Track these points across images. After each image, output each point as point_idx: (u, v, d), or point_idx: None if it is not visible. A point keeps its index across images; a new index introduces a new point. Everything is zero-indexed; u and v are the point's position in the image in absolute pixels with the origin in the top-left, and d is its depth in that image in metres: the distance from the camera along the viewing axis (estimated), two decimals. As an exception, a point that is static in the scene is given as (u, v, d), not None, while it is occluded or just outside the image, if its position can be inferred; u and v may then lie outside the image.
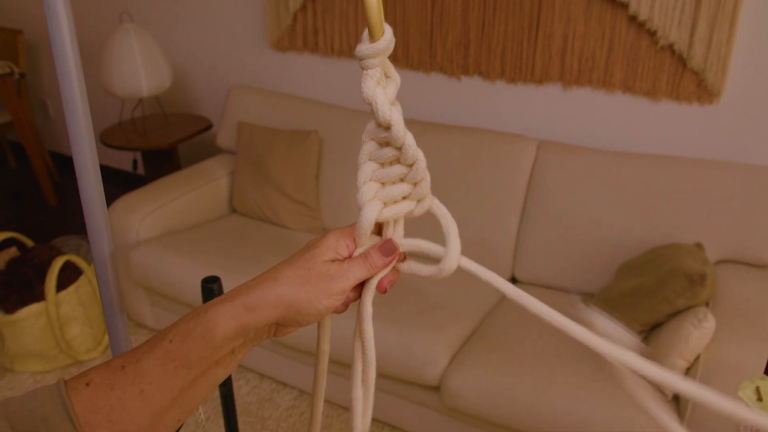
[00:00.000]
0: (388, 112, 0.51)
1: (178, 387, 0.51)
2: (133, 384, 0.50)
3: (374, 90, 0.51)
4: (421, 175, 0.54)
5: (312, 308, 0.54)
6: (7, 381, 2.35)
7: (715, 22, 2.00)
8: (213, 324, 0.52)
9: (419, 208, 0.57)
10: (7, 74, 3.35)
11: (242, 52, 3.07)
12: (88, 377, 0.50)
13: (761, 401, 0.89)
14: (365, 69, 0.50)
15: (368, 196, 0.55)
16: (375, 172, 0.55)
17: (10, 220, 3.56)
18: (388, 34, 0.49)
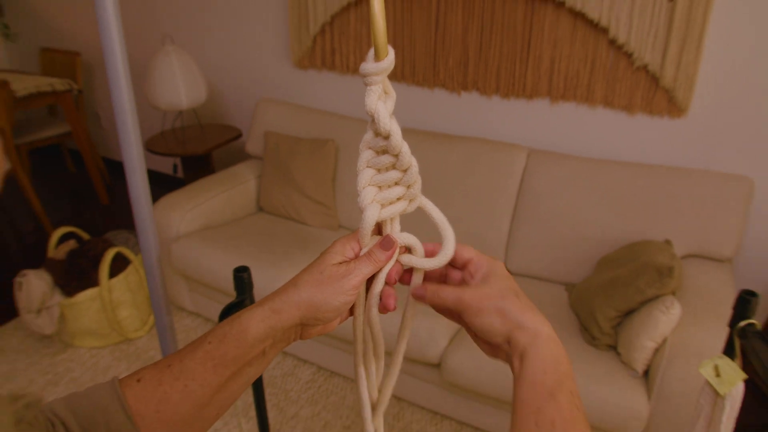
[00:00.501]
0: (388, 124, 0.51)
1: (216, 383, 0.52)
2: (178, 380, 0.51)
3: (376, 104, 0.51)
4: (414, 179, 0.55)
5: (329, 305, 0.54)
6: (69, 354, 2.37)
7: (683, 46, 2.00)
8: (245, 327, 0.53)
9: (411, 206, 0.57)
10: (68, 91, 3.38)
11: (269, 70, 3.09)
12: (140, 374, 0.52)
13: (719, 377, 0.90)
14: (369, 85, 0.51)
15: (368, 199, 0.55)
16: (373, 177, 0.55)
17: (70, 217, 3.60)
18: (391, 55, 0.50)
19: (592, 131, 2.32)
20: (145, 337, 2.48)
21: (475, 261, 0.57)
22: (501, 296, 0.53)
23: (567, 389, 0.48)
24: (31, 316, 2.31)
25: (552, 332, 0.52)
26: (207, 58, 3.26)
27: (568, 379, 0.49)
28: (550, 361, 0.49)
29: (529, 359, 0.50)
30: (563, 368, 0.49)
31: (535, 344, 0.50)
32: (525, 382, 0.49)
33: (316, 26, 2.71)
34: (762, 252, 2.16)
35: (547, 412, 0.46)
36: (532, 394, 0.48)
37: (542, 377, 0.48)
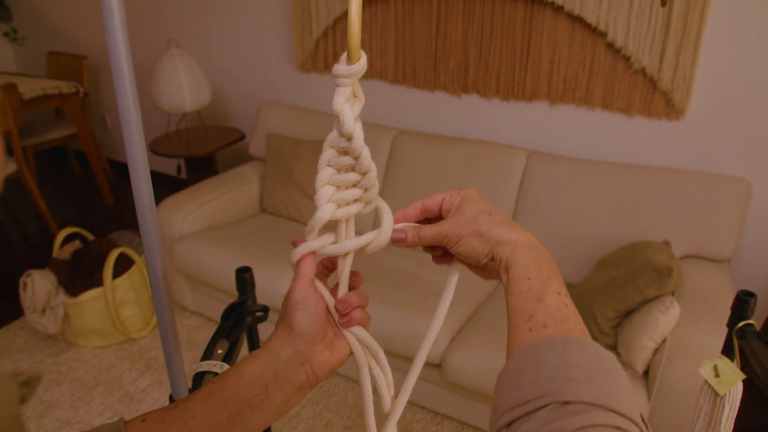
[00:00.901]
0: (352, 126, 0.51)
1: (213, 422, 0.51)
2: (180, 417, 0.51)
3: (343, 105, 0.51)
4: (372, 183, 0.54)
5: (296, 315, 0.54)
6: (72, 354, 2.37)
7: (680, 49, 1.99)
8: (243, 363, 0.54)
9: (367, 208, 0.57)
10: (74, 93, 3.38)
11: (272, 73, 3.09)
12: (146, 415, 0.52)
13: (718, 377, 0.89)
14: (338, 86, 0.51)
15: (324, 198, 0.55)
16: (332, 177, 0.55)
17: (74, 217, 3.60)
18: (363, 60, 0.50)
19: (591, 133, 2.31)
20: (148, 336, 2.48)
21: (447, 198, 0.59)
22: (475, 219, 0.55)
23: (553, 290, 0.49)
24: (36, 315, 2.30)
25: (530, 239, 0.54)
26: (211, 61, 3.26)
27: (552, 279, 0.50)
28: (533, 267, 0.51)
29: (512, 270, 0.51)
30: (545, 271, 0.50)
31: (515, 254, 0.52)
32: (513, 293, 0.50)
33: (318, 30, 2.70)
34: (760, 253, 2.15)
35: (538, 316, 0.47)
36: (521, 302, 0.49)
37: (527, 284, 0.50)
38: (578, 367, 0.41)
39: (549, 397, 0.40)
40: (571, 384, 0.40)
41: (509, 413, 0.42)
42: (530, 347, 0.45)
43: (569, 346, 0.43)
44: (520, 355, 0.45)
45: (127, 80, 0.59)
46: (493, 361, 1.77)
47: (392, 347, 1.93)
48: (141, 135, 0.64)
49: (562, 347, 0.43)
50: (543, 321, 0.46)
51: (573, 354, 0.42)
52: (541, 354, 0.43)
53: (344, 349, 0.57)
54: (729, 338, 0.90)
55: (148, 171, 0.66)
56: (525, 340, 0.46)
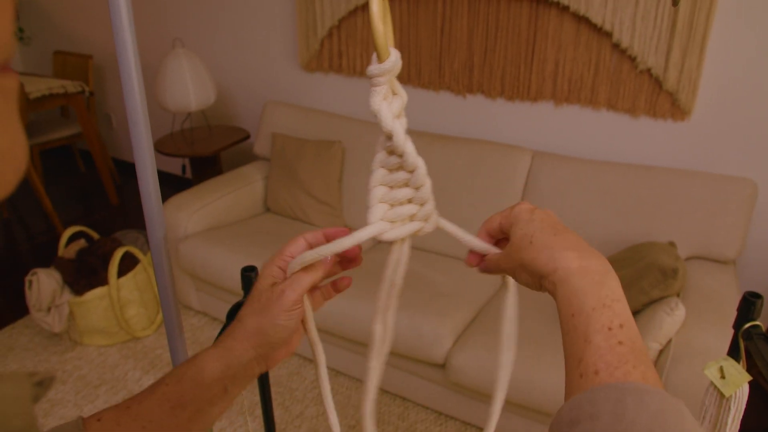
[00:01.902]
0: (390, 123, 0.51)
1: (174, 425, 0.51)
2: (136, 421, 0.50)
3: (380, 104, 0.51)
4: (422, 181, 0.54)
5: (276, 327, 0.53)
6: (77, 352, 2.38)
7: (686, 49, 1.99)
8: (201, 367, 0.52)
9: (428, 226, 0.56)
10: (79, 92, 3.39)
11: (276, 73, 3.09)
12: (101, 414, 0.51)
13: (724, 378, 0.89)
14: (373, 86, 0.51)
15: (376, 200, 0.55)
16: (384, 178, 0.55)
17: (79, 216, 3.61)
18: (393, 56, 0.50)
19: (596, 133, 2.31)
20: (152, 335, 2.49)
21: (504, 222, 0.55)
22: (519, 249, 0.51)
23: (602, 326, 0.42)
24: (41, 314, 2.31)
25: (570, 263, 0.46)
26: (216, 60, 3.27)
27: (601, 311, 0.43)
28: (575, 301, 0.45)
29: (559, 307, 0.46)
30: (591, 302, 0.44)
31: (556, 290, 0.47)
32: (563, 332, 0.45)
33: (323, 30, 2.71)
34: (765, 254, 2.15)
35: (587, 359, 0.41)
36: (569, 344, 0.44)
37: (572, 322, 0.44)
38: (637, 425, 0.36)
39: None
40: None
41: None
42: (584, 396, 0.40)
43: (627, 398, 0.38)
44: (573, 402, 0.40)
45: (135, 79, 0.60)
46: (497, 362, 1.76)
47: (396, 348, 1.93)
48: (148, 134, 0.64)
49: (618, 398, 0.38)
50: (593, 366, 0.41)
51: (631, 408, 0.37)
52: (595, 406, 0.38)
53: (296, 342, 0.59)
54: (735, 340, 0.90)
55: (155, 170, 0.66)
56: (577, 388, 0.42)
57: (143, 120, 0.62)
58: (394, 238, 0.55)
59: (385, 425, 1.99)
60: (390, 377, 2.08)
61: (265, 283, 0.55)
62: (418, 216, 0.56)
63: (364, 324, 1.97)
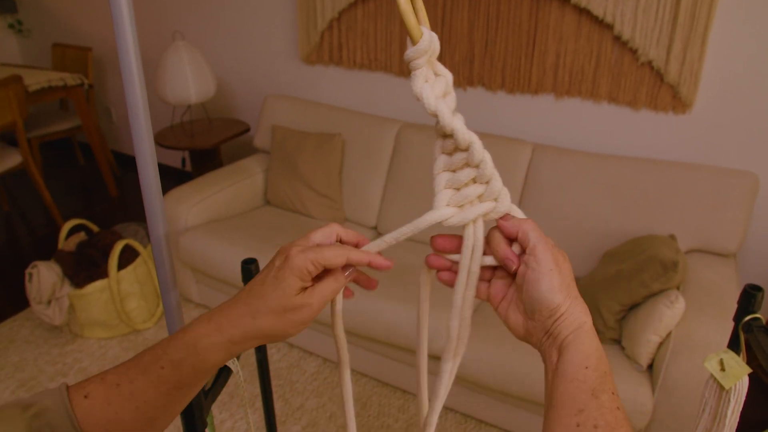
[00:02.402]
0: (433, 104, 0.50)
1: (167, 403, 0.51)
2: (129, 401, 0.49)
3: (422, 87, 0.49)
4: (480, 157, 0.52)
5: (287, 334, 0.52)
6: (78, 345, 2.39)
7: (688, 42, 1.98)
8: (204, 357, 0.50)
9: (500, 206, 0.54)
10: (79, 85, 3.38)
11: (277, 66, 3.08)
12: (86, 390, 0.49)
13: (724, 371, 0.89)
14: (413, 70, 0.49)
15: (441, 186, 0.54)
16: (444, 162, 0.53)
17: (79, 209, 3.61)
18: (426, 35, 0.48)
19: (597, 126, 2.30)
20: (152, 328, 2.49)
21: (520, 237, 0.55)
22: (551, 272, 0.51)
23: (608, 388, 0.45)
24: (41, 306, 2.32)
25: (592, 323, 0.48)
26: (216, 53, 3.26)
27: (609, 377, 0.46)
28: (593, 357, 0.46)
29: (570, 352, 0.46)
30: (604, 366, 0.46)
31: (578, 336, 0.47)
32: (564, 377, 0.45)
33: (323, 22, 2.70)
34: (766, 247, 2.15)
35: (590, 413, 0.43)
36: (572, 390, 0.44)
37: (584, 373, 0.45)
38: None
39: None
40: None
41: None
42: None
43: None
44: None
45: (135, 72, 0.59)
46: (498, 355, 1.77)
47: (396, 340, 1.94)
48: (149, 127, 0.64)
49: None
50: (594, 420, 0.42)
51: None
52: None
53: None
54: (735, 332, 0.90)
55: (155, 163, 0.66)
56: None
57: (143, 113, 0.62)
58: (458, 222, 0.53)
59: (385, 417, 1.99)
60: (390, 370, 2.09)
61: (293, 286, 0.50)
62: (486, 196, 0.54)
63: (385, 323, 1.98)
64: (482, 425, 1.99)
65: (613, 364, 1.70)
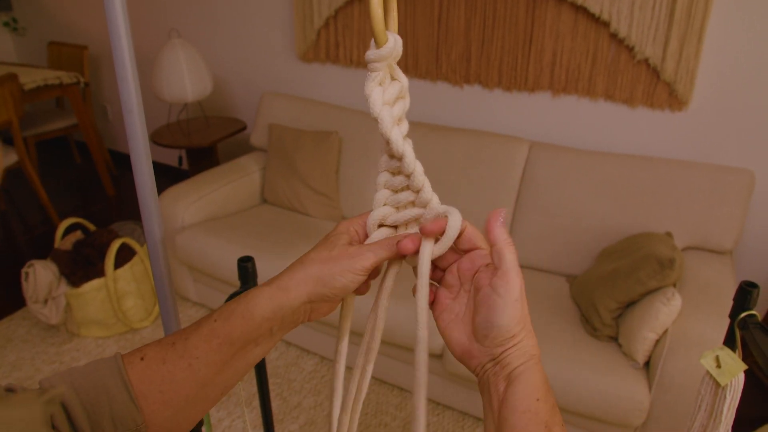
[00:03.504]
0: (377, 110, 0.50)
1: (220, 361, 0.50)
2: (182, 358, 0.49)
3: (372, 90, 0.50)
4: (411, 168, 0.52)
5: (337, 282, 0.51)
6: (74, 344, 2.38)
7: (684, 40, 1.98)
8: (253, 305, 0.51)
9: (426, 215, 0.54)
10: (75, 83, 3.37)
11: (273, 63, 3.08)
12: (143, 352, 0.50)
13: (720, 368, 0.90)
14: (369, 71, 0.50)
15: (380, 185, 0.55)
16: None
17: (76, 207, 3.60)
18: (391, 41, 0.48)
19: (594, 124, 2.31)
20: (150, 327, 2.49)
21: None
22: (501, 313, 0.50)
23: (559, 421, 0.44)
24: (38, 306, 2.31)
25: (539, 356, 0.48)
26: (213, 51, 3.25)
27: (557, 410, 0.45)
28: (542, 390, 0.45)
29: (520, 383, 0.46)
30: (552, 399, 0.46)
31: (529, 367, 0.46)
32: (515, 410, 0.44)
33: (320, 20, 2.69)
34: (762, 244, 2.15)
35: None
36: (524, 423, 0.44)
37: (535, 405, 0.44)
38: None
39: None
40: None
41: None
42: None
43: None
44: None
45: (129, 70, 0.59)
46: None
47: (394, 338, 1.94)
48: (143, 125, 0.63)
49: None
50: None
51: None
52: None
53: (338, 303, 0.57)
54: (731, 329, 0.90)
55: (150, 161, 0.66)
56: None
57: (138, 111, 0.61)
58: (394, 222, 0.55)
59: (383, 415, 1.99)
60: (387, 368, 2.09)
61: (340, 239, 0.54)
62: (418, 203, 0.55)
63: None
64: (480, 422, 1.99)
65: (610, 361, 1.71)
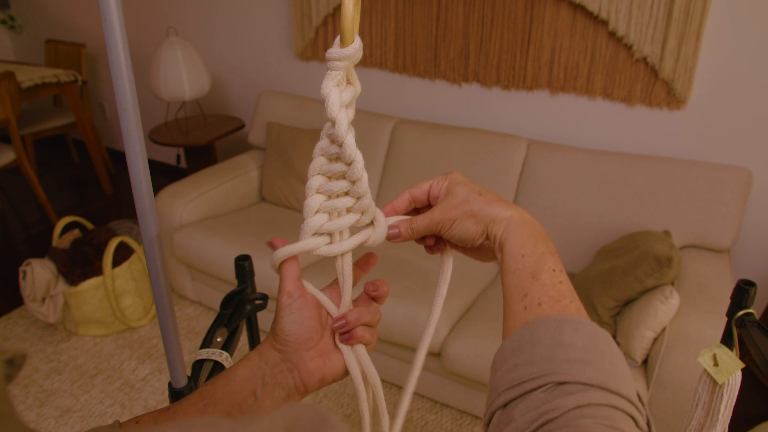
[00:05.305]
0: (335, 111, 0.49)
1: None
2: (172, 419, 0.51)
3: (331, 90, 0.49)
4: (359, 175, 0.52)
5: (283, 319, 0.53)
6: (72, 342, 2.38)
7: (683, 38, 1.98)
8: (235, 366, 0.53)
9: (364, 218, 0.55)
10: (72, 82, 3.36)
11: (271, 62, 3.07)
12: (139, 417, 0.52)
13: (717, 366, 0.90)
14: (329, 70, 0.49)
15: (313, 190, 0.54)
16: (322, 167, 0.53)
17: (74, 206, 3.59)
18: (357, 43, 0.48)
19: (592, 122, 2.31)
20: (148, 325, 2.49)
21: (434, 185, 0.58)
22: (466, 200, 0.54)
23: (548, 267, 0.48)
24: (36, 304, 2.31)
25: (524, 214, 0.53)
26: (210, 49, 3.24)
27: (548, 256, 0.49)
28: (528, 244, 0.50)
29: (507, 247, 0.51)
30: (541, 247, 0.50)
31: (509, 231, 0.51)
32: (508, 271, 0.50)
33: (318, 18, 2.69)
34: (760, 242, 2.15)
35: (533, 294, 0.47)
36: (516, 280, 0.49)
37: (522, 261, 0.49)
38: (574, 347, 0.41)
39: (544, 377, 0.40)
40: (567, 364, 0.40)
41: (504, 394, 0.42)
42: (525, 327, 0.44)
43: (564, 326, 0.43)
44: (515, 335, 0.45)
45: (124, 67, 0.59)
46: (493, 350, 1.76)
47: (392, 337, 1.94)
48: (139, 124, 0.63)
49: (557, 326, 0.43)
50: (538, 299, 0.46)
51: (568, 333, 0.42)
52: (536, 334, 0.43)
53: (338, 363, 0.55)
54: (728, 327, 0.90)
55: (146, 160, 0.65)
56: (520, 320, 0.46)
57: (133, 109, 0.61)
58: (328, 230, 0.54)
59: (382, 414, 1.99)
60: (386, 366, 2.09)
61: None
62: (355, 209, 0.54)
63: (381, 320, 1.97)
64: (478, 421, 1.99)
65: (608, 359, 1.71)
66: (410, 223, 0.57)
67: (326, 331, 0.55)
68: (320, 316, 0.55)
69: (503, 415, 0.41)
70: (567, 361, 0.40)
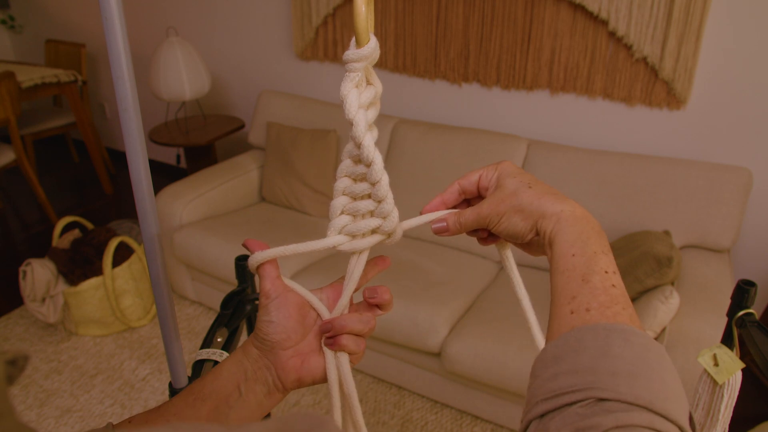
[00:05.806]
0: (353, 113, 0.49)
1: (195, 417, 0.51)
2: (163, 416, 0.51)
3: (349, 91, 0.49)
4: (378, 177, 0.51)
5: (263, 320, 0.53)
6: (72, 342, 2.38)
7: (683, 38, 1.98)
8: (222, 364, 0.54)
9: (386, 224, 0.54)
10: (72, 82, 3.36)
11: (271, 62, 3.07)
12: (131, 417, 0.52)
13: (717, 366, 0.90)
14: (347, 72, 0.49)
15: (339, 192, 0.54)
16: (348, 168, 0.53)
17: (74, 206, 3.59)
18: (372, 42, 0.48)
19: (592, 122, 2.31)
20: (148, 325, 2.49)
21: (484, 175, 0.56)
22: (514, 193, 0.51)
23: (600, 269, 0.44)
24: (36, 304, 2.31)
25: (576, 209, 0.49)
26: (210, 49, 3.24)
27: (600, 256, 0.45)
28: (578, 242, 0.46)
29: (556, 245, 0.47)
30: (593, 246, 0.46)
31: (559, 228, 0.48)
32: (557, 271, 0.46)
33: (318, 18, 2.69)
34: (760, 242, 2.15)
35: (581, 297, 0.43)
36: (564, 281, 0.45)
37: (571, 261, 0.46)
38: (621, 360, 0.38)
39: (585, 391, 0.37)
40: (612, 378, 0.37)
41: (542, 404, 0.39)
42: (570, 333, 0.41)
43: (613, 335, 0.39)
44: (559, 340, 0.41)
45: (125, 67, 0.59)
46: (493, 351, 1.77)
47: (392, 337, 1.94)
48: (139, 123, 0.63)
49: (605, 335, 0.39)
50: (586, 304, 0.43)
51: (617, 344, 0.39)
52: (581, 342, 0.40)
53: (318, 366, 0.53)
54: (728, 327, 0.90)
55: (146, 160, 0.65)
56: (565, 325, 0.43)
57: (134, 109, 0.61)
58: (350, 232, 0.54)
59: (381, 414, 1.99)
60: (386, 366, 2.09)
61: None
62: (377, 213, 0.54)
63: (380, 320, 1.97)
64: (477, 421, 1.99)
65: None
66: (458, 216, 0.55)
67: (312, 331, 0.54)
68: (303, 316, 0.54)
69: (540, 425, 0.39)
70: (612, 374, 0.37)
